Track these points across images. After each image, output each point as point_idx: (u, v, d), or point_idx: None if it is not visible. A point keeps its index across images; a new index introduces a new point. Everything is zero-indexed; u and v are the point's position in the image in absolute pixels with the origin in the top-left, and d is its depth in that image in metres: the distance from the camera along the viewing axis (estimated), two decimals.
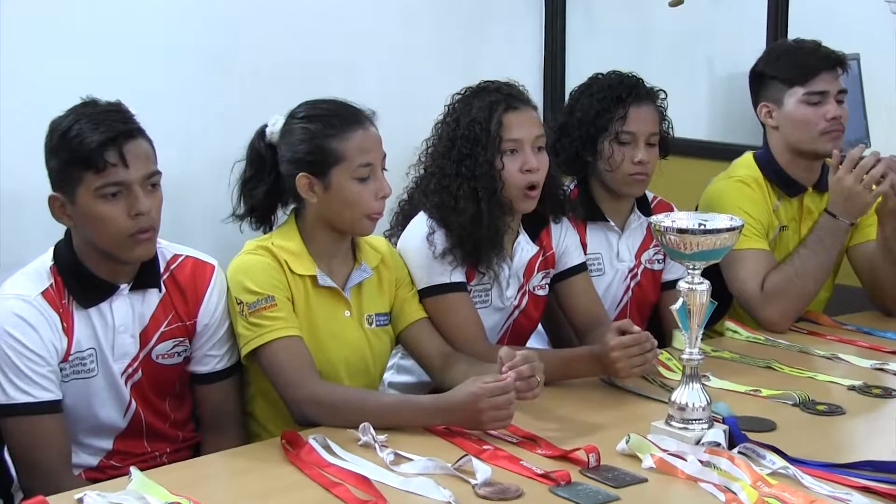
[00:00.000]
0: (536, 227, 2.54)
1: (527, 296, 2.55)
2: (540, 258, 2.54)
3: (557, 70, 3.84)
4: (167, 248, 2.19)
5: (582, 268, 2.59)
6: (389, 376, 2.65)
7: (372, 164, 2.20)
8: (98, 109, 2.05)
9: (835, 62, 2.73)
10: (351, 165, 2.18)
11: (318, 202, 2.21)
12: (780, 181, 2.79)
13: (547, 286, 2.58)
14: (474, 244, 2.39)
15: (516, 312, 2.55)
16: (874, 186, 2.59)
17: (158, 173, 2.08)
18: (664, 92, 2.73)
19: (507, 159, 2.39)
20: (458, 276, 2.41)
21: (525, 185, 2.39)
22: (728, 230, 1.90)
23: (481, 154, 2.38)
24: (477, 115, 2.39)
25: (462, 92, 2.48)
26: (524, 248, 2.51)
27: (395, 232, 2.53)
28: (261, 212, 2.31)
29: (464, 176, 2.39)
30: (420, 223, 2.43)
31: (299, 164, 2.21)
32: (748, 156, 2.86)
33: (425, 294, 2.39)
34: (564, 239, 2.58)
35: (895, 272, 2.72)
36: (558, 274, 2.58)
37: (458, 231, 2.38)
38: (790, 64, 2.73)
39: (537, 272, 2.54)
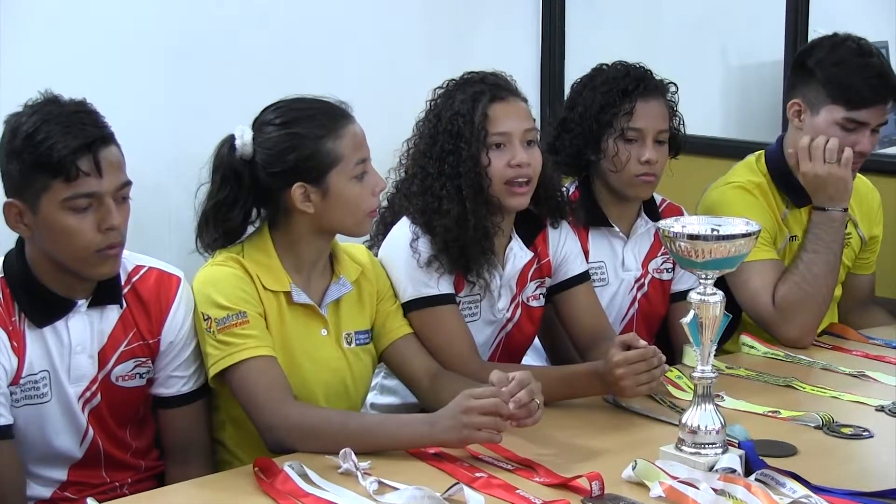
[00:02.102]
0: (531, 232, 2.54)
1: (520, 308, 2.55)
2: (534, 266, 2.55)
3: (556, 61, 3.86)
4: (128, 258, 2.18)
5: (584, 277, 2.60)
6: (372, 397, 2.65)
7: (367, 160, 2.22)
8: (66, 110, 2.03)
9: (893, 97, 2.68)
10: (348, 165, 2.19)
11: (314, 211, 2.21)
12: (788, 188, 2.79)
13: (542, 297, 2.58)
14: (461, 249, 2.39)
15: (509, 326, 2.55)
16: (841, 161, 2.62)
17: (130, 184, 2.07)
18: (675, 85, 2.73)
19: (494, 154, 2.39)
20: (446, 287, 2.41)
21: (513, 180, 2.39)
22: (744, 236, 1.91)
23: (465, 149, 2.38)
24: (460, 107, 2.40)
25: (444, 85, 2.49)
26: (517, 254, 2.51)
27: (376, 241, 2.53)
28: (233, 235, 2.28)
29: (447, 174, 2.39)
30: (402, 230, 2.44)
31: (291, 175, 2.19)
32: (750, 159, 2.86)
33: (410, 307, 2.39)
34: (563, 245, 2.58)
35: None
36: (558, 284, 2.58)
37: (443, 235, 2.38)
38: (845, 82, 2.66)
39: (531, 281, 2.55)
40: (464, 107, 2.40)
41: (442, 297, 2.40)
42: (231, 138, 2.24)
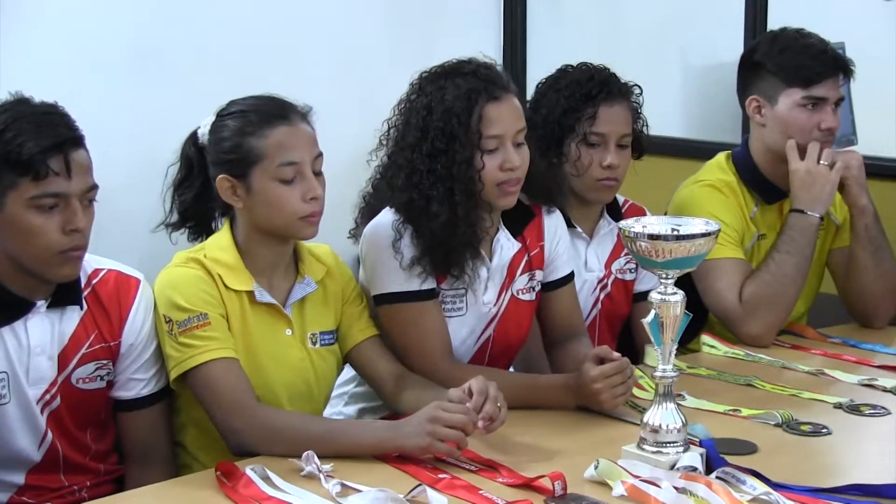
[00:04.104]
0: (519, 223, 2.48)
1: (509, 301, 2.49)
2: (524, 258, 2.50)
3: (518, 61, 3.87)
4: (87, 261, 2.17)
5: (570, 278, 2.57)
6: (344, 409, 2.62)
7: (297, 164, 2.18)
8: (37, 110, 2.04)
9: (842, 68, 2.75)
10: (271, 165, 2.18)
11: (243, 207, 2.22)
12: (758, 185, 2.83)
13: (533, 292, 2.52)
14: (446, 252, 2.33)
15: (497, 320, 2.49)
16: (833, 167, 2.69)
17: (97, 188, 2.08)
18: (639, 87, 2.74)
19: (487, 157, 2.32)
20: (429, 283, 2.37)
21: (504, 182, 2.34)
22: (703, 235, 1.92)
23: (459, 152, 2.30)
24: (453, 104, 2.31)
25: (432, 70, 2.39)
26: (504, 245, 2.46)
27: (360, 226, 2.48)
28: (195, 220, 2.31)
29: (438, 174, 2.31)
30: (386, 220, 2.37)
31: (221, 166, 2.22)
32: (720, 157, 2.90)
33: (387, 300, 2.36)
34: (559, 241, 2.53)
35: (873, 275, 2.78)
36: (545, 284, 2.54)
37: (428, 237, 2.32)
38: (795, 63, 2.73)
39: (521, 274, 2.50)
40: (458, 105, 2.30)
41: (424, 293, 2.36)
42: (198, 128, 2.30)
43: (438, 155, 2.32)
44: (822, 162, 2.70)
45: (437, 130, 2.32)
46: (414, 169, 2.33)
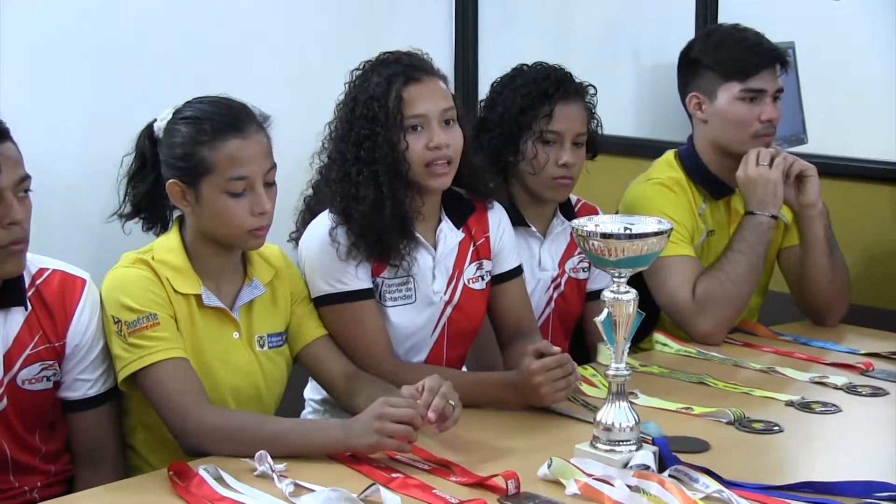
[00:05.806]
0: (461, 213, 2.52)
1: (460, 290, 2.50)
2: (471, 246, 2.52)
3: (469, 62, 3.87)
4: (32, 260, 2.15)
5: (518, 272, 2.59)
6: None
7: (247, 178, 2.17)
8: None
9: (778, 59, 2.80)
10: (220, 178, 2.16)
11: (192, 212, 2.21)
12: (705, 182, 2.87)
13: (483, 281, 2.54)
14: (378, 235, 2.36)
15: (449, 309, 2.50)
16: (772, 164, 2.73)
17: (29, 178, 2.06)
18: (594, 87, 2.77)
19: (412, 137, 2.36)
20: (364, 283, 2.40)
21: (433, 162, 2.37)
22: (656, 234, 1.94)
23: (381, 133, 2.35)
24: (374, 91, 2.37)
25: (361, 67, 2.46)
26: (447, 235, 2.48)
27: (301, 232, 2.50)
28: (149, 213, 2.30)
29: (363, 160, 2.36)
30: (321, 222, 2.41)
31: (172, 170, 2.21)
32: (668, 155, 2.93)
33: (325, 302, 2.37)
34: (503, 234, 2.56)
35: (829, 277, 2.81)
36: (493, 277, 2.56)
37: (359, 221, 2.35)
38: (730, 56, 2.78)
39: (470, 263, 2.52)
40: (378, 90, 2.37)
41: (359, 293, 2.38)
42: (155, 119, 2.27)
43: (363, 141, 2.37)
44: (761, 163, 2.74)
45: (360, 118, 2.37)
46: (344, 159, 2.39)
